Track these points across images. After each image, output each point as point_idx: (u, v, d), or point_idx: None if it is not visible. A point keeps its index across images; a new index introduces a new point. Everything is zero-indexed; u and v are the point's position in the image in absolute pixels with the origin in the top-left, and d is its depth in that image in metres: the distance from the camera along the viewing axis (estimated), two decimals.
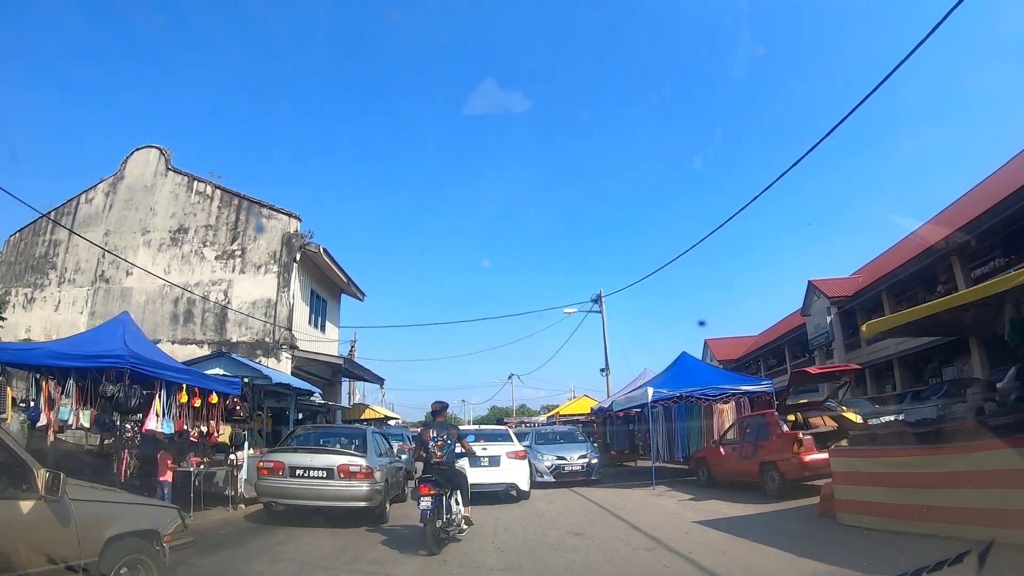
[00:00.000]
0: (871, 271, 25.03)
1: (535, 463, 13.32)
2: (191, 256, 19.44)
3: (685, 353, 15.62)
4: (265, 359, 17.19)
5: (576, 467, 13.54)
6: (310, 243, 18.51)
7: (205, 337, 18.06)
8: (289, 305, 17.85)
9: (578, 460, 13.60)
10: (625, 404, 15.07)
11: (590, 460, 13.72)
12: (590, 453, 13.96)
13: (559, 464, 13.48)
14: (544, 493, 12.31)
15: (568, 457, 13.61)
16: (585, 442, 15.08)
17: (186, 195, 20.57)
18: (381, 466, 8.86)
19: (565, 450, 13.97)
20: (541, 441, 14.99)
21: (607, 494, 12.07)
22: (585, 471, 13.52)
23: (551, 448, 14.20)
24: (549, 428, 17.42)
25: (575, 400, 30.58)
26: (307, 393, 13.39)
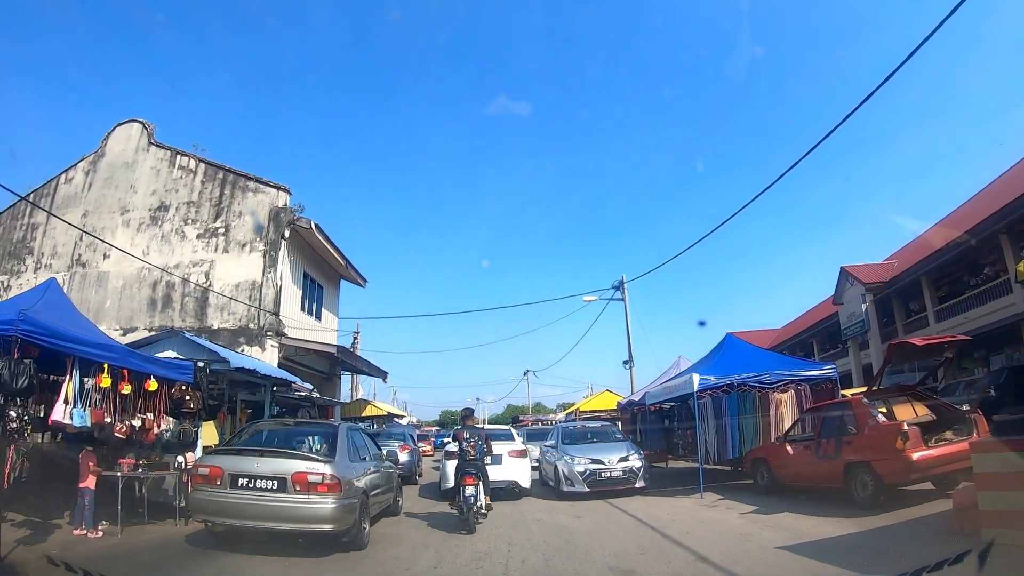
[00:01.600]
0: (907, 256, 23.40)
1: (562, 468, 11.08)
2: (171, 235, 17.54)
3: (730, 335, 13.28)
4: (248, 347, 15.19)
5: (616, 473, 10.84)
6: (300, 218, 16.47)
7: (184, 324, 16.09)
8: (276, 287, 15.81)
9: (618, 464, 10.93)
10: (661, 396, 12.73)
11: (633, 464, 11.03)
12: (633, 455, 11.27)
13: (594, 469, 10.85)
14: (568, 506, 10.00)
15: (605, 460, 10.95)
16: (624, 441, 12.37)
17: (168, 170, 18.69)
18: (357, 475, 6.72)
19: (601, 451, 11.31)
20: (569, 440, 12.30)
21: (647, 505, 9.78)
22: (627, 477, 10.88)
23: (583, 449, 11.57)
24: (579, 424, 14.26)
25: (596, 395, 28.22)
26: (285, 383, 11.28)
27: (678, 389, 11.68)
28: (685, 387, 11.31)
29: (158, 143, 19.21)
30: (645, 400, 13.87)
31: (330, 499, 5.93)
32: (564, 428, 13.34)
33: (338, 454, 6.49)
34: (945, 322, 19.90)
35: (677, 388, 11.73)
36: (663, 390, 12.71)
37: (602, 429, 13.25)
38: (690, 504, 9.84)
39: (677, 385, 11.75)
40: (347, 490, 6.16)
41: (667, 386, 12.46)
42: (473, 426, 9.36)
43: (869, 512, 7.60)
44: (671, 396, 12.36)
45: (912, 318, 22.71)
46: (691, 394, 11.21)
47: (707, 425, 11.55)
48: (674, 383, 12.11)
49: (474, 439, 8.49)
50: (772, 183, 11.39)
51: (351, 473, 6.53)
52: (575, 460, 11.07)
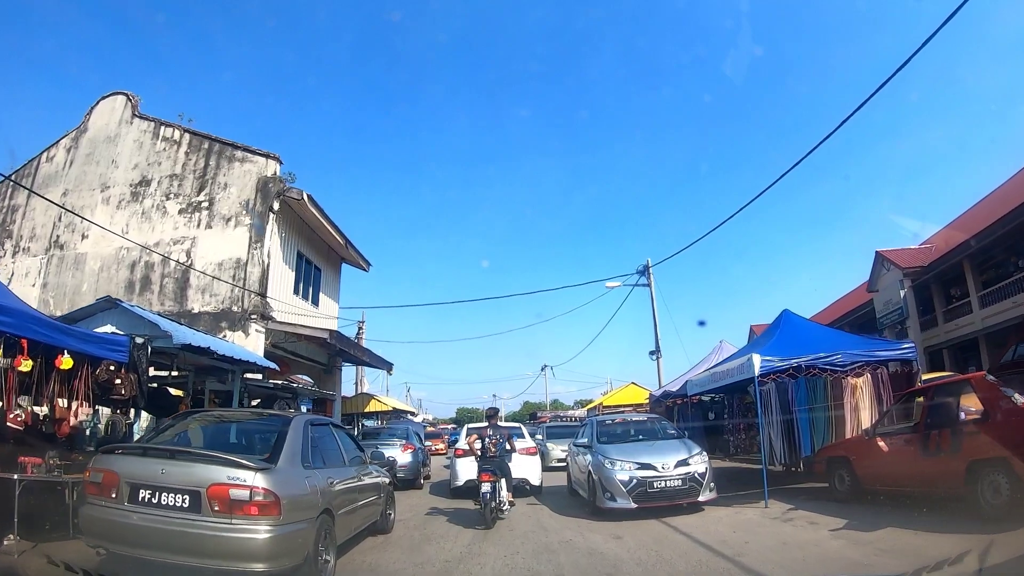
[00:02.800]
0: (945, 239, 21.85)
1: (599, 476, 8.28)
2: (152, 212, 15.90)
3: (788, 311, 11.14)
4: (231, 332, 13.45)
5: (674, 482, 7.95)
6: (291, 188, 14.68)
7: (163, 308, 14.39)
8: (263, 264, 14.04)
9: (676, 470, 8.06)
10: (708, 384, 10.66)
11: (696, 468, 8.16)
12: (696, 456, 8.41)
13: (643, 478, 7.93)
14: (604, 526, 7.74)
15: (659, 465, 8.05)
16: (680, 438, 9.34)
17: (151, 143, 17.07)
18: (315, 487, 4.79)
19: (651, 453, 8.45)
20: (608, 439, 9.40)
21: (703, 520, 7.70)
22: (687, 488, 7.98)
23: (627, 450, 8.68)
24: (619, 418, 11.14)
25: (620, 389, 26.05)
26: (256, 368, 9.43)
27: (732, 375, 9.61)
28: (742, 371, 9.25)
29: (142, 115, 17.63)
30: (686, 390, 11.80)
31: (263, 525, 4.01)
32: (600, 423, 10.27)
33: (283, 458, 4.54)
34: (990, 307, 18.66)
35: (731, 373, 9.66)
36: (710, 377, 10.63)
37: (649, 423, 10.27)
38: (757, 517, 7.77)
39: (731, 370, 9.68)
40: (292, 511, 4.24)
41: (717, 372, 10.38)
42: (497, 424, 9.66)
43: (1007, 524, 5.56)
44: (721, 384, 10.28)
45: (953, 304, 21.34)
46: (750, 380, 9.16)
47: (771, 418, 9.41)
48: (725, 368, 10.04)
49: (496, 437, 8.76)
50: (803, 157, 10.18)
51: (303, 486, 4.60)
52: (617, 465, 8.15)
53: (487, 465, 8.31)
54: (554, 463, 16.93)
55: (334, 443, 5.92)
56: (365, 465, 6.63)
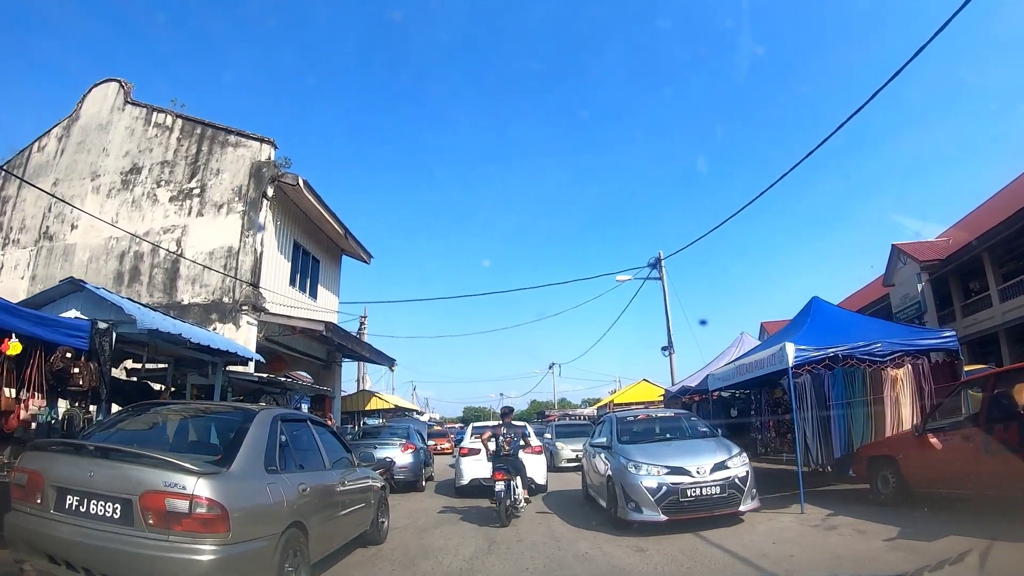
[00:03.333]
0: (963, 231, 21.49)
1: (621, 481, 7.04)
2: (142, 200, 15.21)
3: (817, 298, 10.26)
4: (221, 324, 12.71)
5: (711, 488, 6.69)
6: (286, 173, 13.94)
7: (152, 299, 13.69)
8: (255, 253, 13.29)
9: (713, 475, 6.78)
10: (734, 377, 9.80)
11: (736, 472, 6.93)
12: (735, 457, 7.17)
13: (675, 485, 6.65)
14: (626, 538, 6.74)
15: (692, 469, 6.79)
16: (715, 436, 8.10)
17: (143, 129, 16.40)
18: (282, 496, 4.00)
19: (682, 454, 7.20)
20: (630, 438, 8.08)
21: (736, 529, 6.82)
22: (727, 496, 6.75)
23: (653, 452, 7.34)
24: (642, 414, 9.61)
25: (632, 387, 25.15)
26: (238, 360, 8.65)
27: (762, 366, 8.76)
28: (773, 362, 8.41)
29: (135, 102, 16.99)
30: (707, 384, 10.94)
31: (207, 544, 3.23)
32: (620, 420, 8.81)
33: (240, 460, 3.76)
34: (1011, 301, 18.30)
35: (760, 365, 8.81)
36: (735, 370, 9.77)
37: (677, 420, 8.98)
38: (795, 525, 6.92)
39: (760, 361, 8.83)
40: (246, 525, 3.46)
41: (743, 364, 9.53)
42: (511, 423, 9.52)
43: None
44: (748, 377, 9.43)
45: (972, 298, 20.91)
46: (782, 372, 8.32)
47: (806, 413, 8.53)
48: (753, 359, 9.19)
49: (511, 435, 8.71)
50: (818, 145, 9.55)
51: (263, 494, 3.83)
52: (643, 469, 6.89)
53: (501, 464, 8.29)
54: (564, 464, 16.06)
55: (312, 443, 5.12)
56: (352, 468, 5.84)
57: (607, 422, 9.11)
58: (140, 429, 4.38)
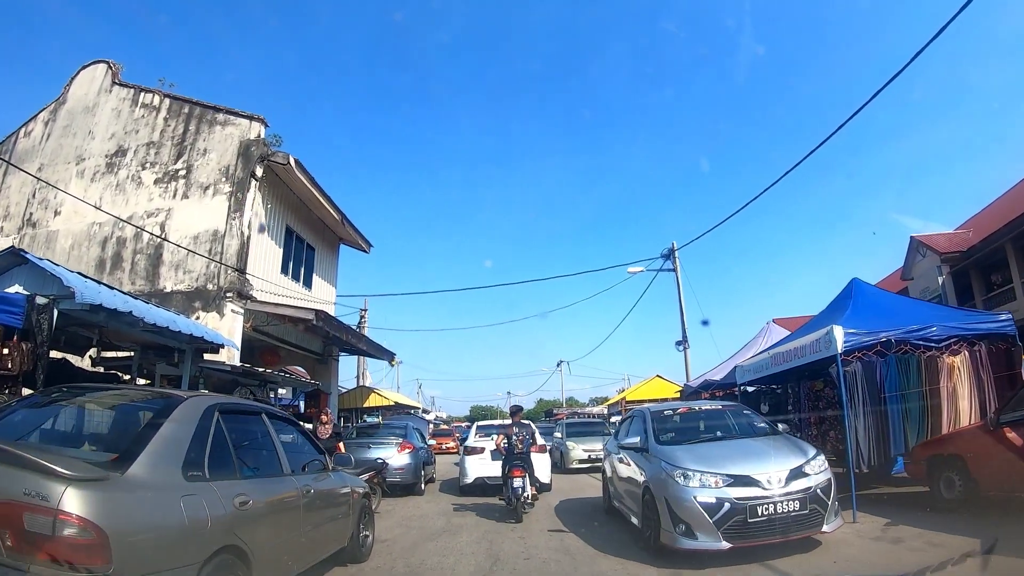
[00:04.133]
0: (984, 223, 20.63)
1: (665, 494, 5.34)
2: (126, 183, 14.36)
3: (857, 279, 9.19)
4: (204, 313, 11.79)
5: (788, 504, 5.02)
6: (276, 152, 13.00)
7: (134, 287, 12.82)
8: (242, 236, 12.36)
9: (790, 486, 5.15)
10: (768, 368, 8.71)
11: (817, 481, 5.30)
12: (813, 461, 5.54)
13: (742, 500, 5.00)
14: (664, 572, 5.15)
15: (763, 479, 5.14)
16: (778, 433, 6.42)
17: (130, 111, 15.55)
18: (200, 513, 2.94)
19: (746, 458, 5.50)
20: (672, 437, 6.47)
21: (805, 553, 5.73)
22: (808, 513, 5.11)
23: (705, 455, 5.64)
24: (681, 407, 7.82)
25: (646, 382, 23.99)
26: (206, 344, 7.64)
27: (803, 354, 7.68)
28: (818, 349, 7.33)
29: (122, 83, 16.15)
30: (734, 378, 9.85)
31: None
32: (656, 414, 7.01)
33: (142, 462, 2.77)
34: None
35: (801, 353, 7.73)
36: (770, 359, 8.68)
37: (726, 413, 7.13)
38: (852, 538, 5.83)
39: (801, 349, 7.74)
40: (139, 555, 2.47)
41: (779, 353, 8.44)
42: (521, 421, 9.47)
43: None
44: (785, 368, 8.34)
45: (995, 291, 20.09)
46: (828, 360, 7.23)
47: (857, 408, 7.42)
48: (792, 347, 8.10)
49: (523, 434, 8.82)
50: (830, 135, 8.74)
51: (173, 510, 2.81)
52: (695, 479, 5.19)
53: (517, 461, 8.42)
54: (575, 465, 14.95)
55: (267, 442, 4.10)
56: (325, 472, 4.84)
57: (638, 417, 7.29)
58: (34, 419, 3.39)
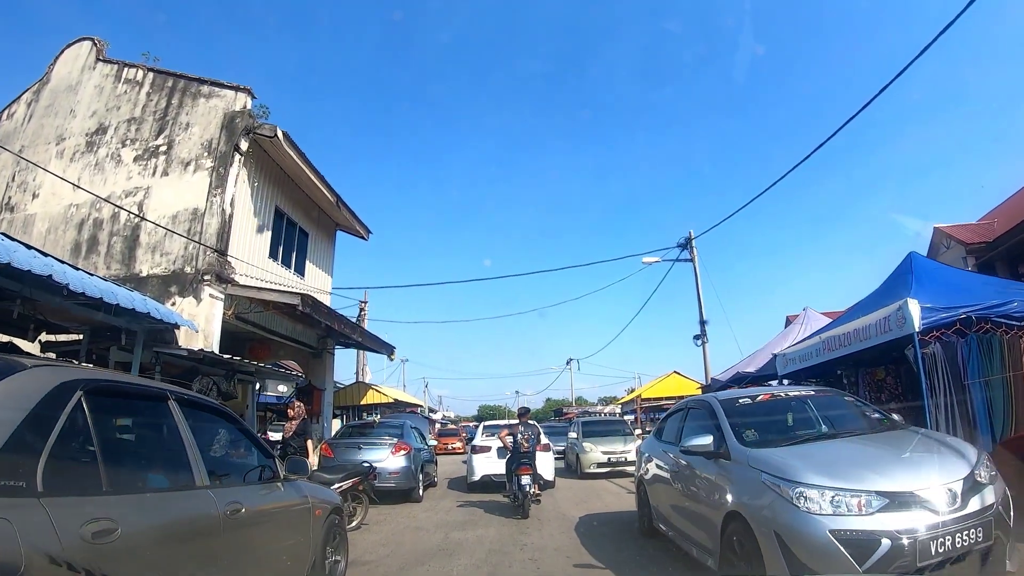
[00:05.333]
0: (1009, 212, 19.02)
1: (775, 525, 3.50)
2: (105, 161, 13.36)
3: (915, 253, 7.93)
4: (181, 298, 10.73)
5: (967, 534, 3.24)
6: (263, 125, 11.93)
7: (109, 271, 11.79)
8: (223, 215, 11.28)
9: (966, 506, 3.36)
10: (820, 355, 7.44)
11: (995, 497, 3.51)
12: (981, 467, 3.70)
13: (908, 536, 3.19)
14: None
15: (932, 498, 3.35)
16: (903, 426, 4.73)
17: (112, 87, 14.58)
18: None
19: (894, 466, 3.68)
20: (764, 438, 4.55)
21: None
22: (993, 543, 3.32)
23: (829, 462, 3.81)
24: (762, 394, 5.50)
25: (662, 379, 22.61)
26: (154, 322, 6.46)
27: (865, 336, 6.43)
28: (886, 328, 6.09)
29: (107, 59, 15.21)
30: (775, 369, 8.59)
31: None
32: (730, 404, 5.12)
33: None
34: None
35: (863, 335, 6.49)
36: (822, 344, 7.42)
37: (826, 401, 5.28)
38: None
39: (864, 329, 6.49)
40: None
41: (833, 337, 7.18)
42: (527, 422, 9.69)
43: None
44: (841, 353, 7.08)
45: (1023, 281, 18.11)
46: (899, 342, 5.99)
47: (938, 399, 6.13)
48: (851, 328, 6.83)
49: (528, 434, 9.12)
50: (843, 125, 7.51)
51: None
52: (823, 501, 3.46)
53: (525, 459, 8.75)
54: (593, 469, 13.52)
55: (172, 441, 2.92)
56: (273, 484, 3.69)
57: (701, 410, 5.43)
58: None
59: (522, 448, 8.85)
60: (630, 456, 13.05)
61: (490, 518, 8.43)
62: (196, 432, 3.08)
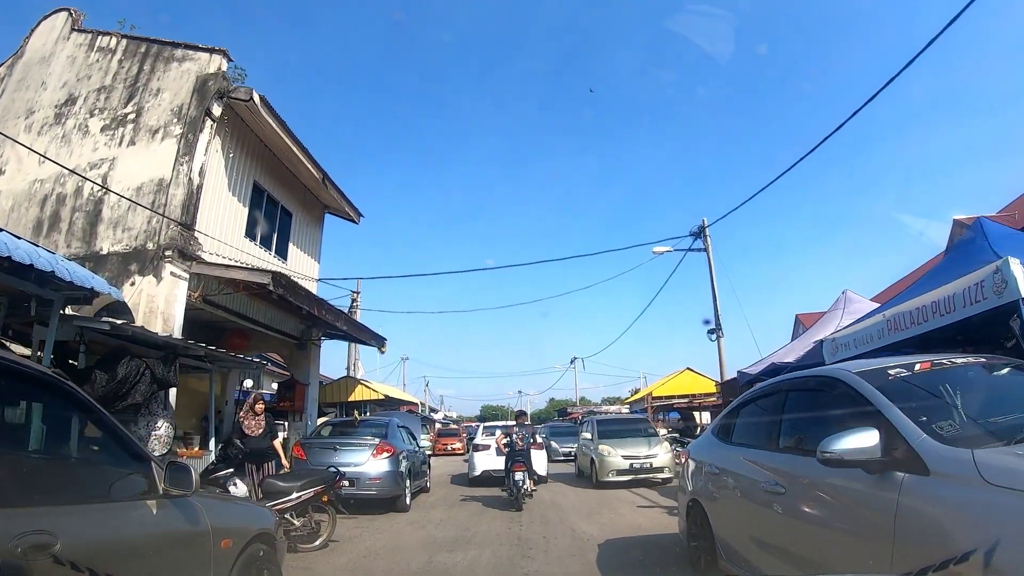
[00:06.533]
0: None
1: None
2: (73, 133, 12.29)
3: (984, 218, 6.72)
4: (140, 277, 9.57)
5: None
6: (238, 88, 10.79)
7: (69, 250, 10.70)
8: (190, 185, 10.11)
9: None
10: (882, 338, 6.12)
11: None
12: None
13: None
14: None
15: None
16: None
17: (85, 56, 13.53)
18: None
19: None
20: (1005, 428, 2.62)
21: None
22: None
23: None
24: (920, 360, 3.29)
25: (675, 376, 21.16)
26: (63, 285, 5.20)
27: (950, 308, 5.13)
28: (978, 298, 4.79)
29: (82, 28, 14.19)
30: (822, 355, 7.25)
31: None
32: (912, 378, 3.16)
33: None
34: None
35: (946, 307, 5.18)
36: (886, 324, 6.09)
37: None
38: None
39: (945, 301, 5.18)
40: None
41: (902, 314, 5.86)
42: (524, 423, 10.86)
43: None
44: (912, 334, 5.76)
45: None
46: (990, 316, 4.69)
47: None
48: (927, 300, 5.51)
49: (523, 434, 10.06)
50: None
51: None
52: None
53: (519, 458, 9.57)
54: (613, 478, 11.61)
55: None
56: (141, 502, 2.45)
57: (828, 390, 3.46)
58: None
59: (517, 447, 9.78)
60: (657, 462, 11.68)
61: (487, 534, 7.15)
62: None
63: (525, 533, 7.20)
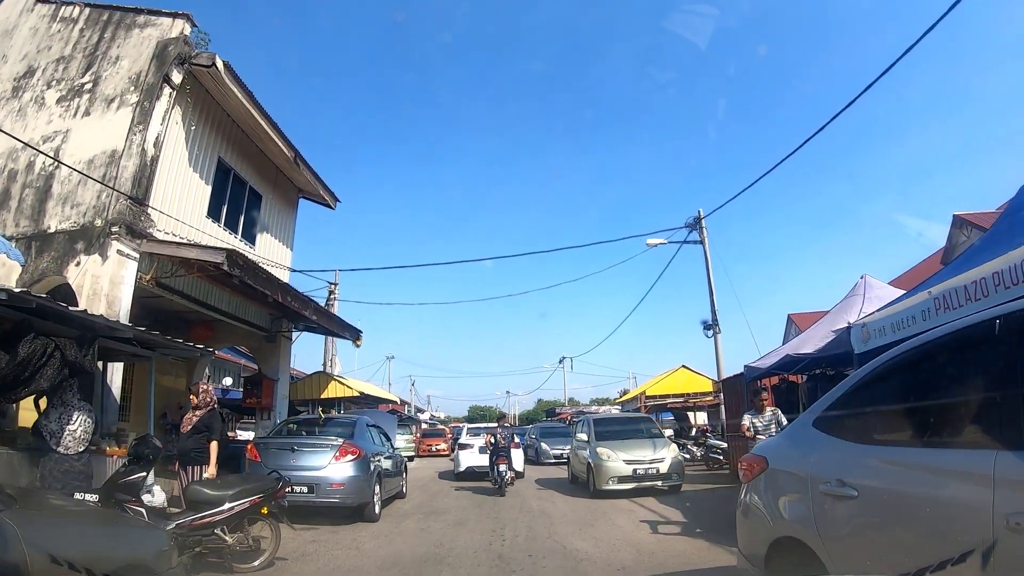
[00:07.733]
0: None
1: None
2: (29, 106, 11.41)
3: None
4: (86, 256, 8.66)
5: None
6: (200, 53, 9.91)
7: (17, 229, 9.82)
8: (144, 157, 9.22)
9: None
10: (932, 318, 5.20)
11: None
12: None
13: None
14: None
15: None
16: None
17: (47, 27, 12.69)
18: None
19: None
20: None
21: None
22: None
23: None
24: None
25: (670, 374, 20.16)
26: None
27: (1015, 280, 4.24)
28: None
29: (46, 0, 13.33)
30: (851, 344, 6.33)
31: None
32: None
33: None
34: None
35: (1012, 279, 4.28)
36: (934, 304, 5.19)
37: None
38: None
39: (1012, 269, 4.29)
40: None
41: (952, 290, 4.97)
42: (505, 425, 13.69)
43: None
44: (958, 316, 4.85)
45: None
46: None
47: None
48: (980, 275, 4.62)
49: (506, 433, 12.04)
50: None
51: None
52: None
53: (503, 453, 11.45)
54: (612, 486, 10.13)
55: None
56: None
57: None
58: None
59: (500, 444, 11.54)
60: (663, 467, 10.22)
61: (463, 551, 6.19)
62: None
63: (507, 550, 6.25)
